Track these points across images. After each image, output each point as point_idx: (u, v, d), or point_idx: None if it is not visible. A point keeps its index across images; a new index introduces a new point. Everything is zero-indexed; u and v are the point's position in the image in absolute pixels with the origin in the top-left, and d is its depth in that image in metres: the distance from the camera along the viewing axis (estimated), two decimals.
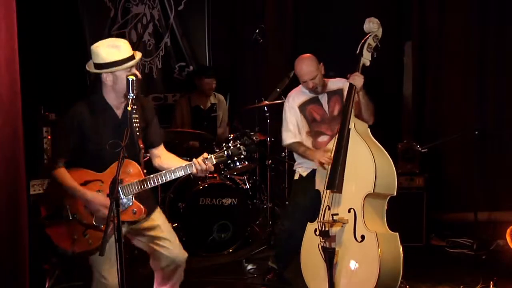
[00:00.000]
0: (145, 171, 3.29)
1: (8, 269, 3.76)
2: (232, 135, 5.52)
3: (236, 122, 6.29)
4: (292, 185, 4.51)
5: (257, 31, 6.10)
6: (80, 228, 3.23)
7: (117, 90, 3.21)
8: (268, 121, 5.60)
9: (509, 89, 5.79)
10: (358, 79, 3.98)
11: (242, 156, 3.22)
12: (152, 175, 3.24)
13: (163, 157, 3.51)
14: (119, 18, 6.55)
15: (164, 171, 3.25)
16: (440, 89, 6.01)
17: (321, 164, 4.00)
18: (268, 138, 5.58)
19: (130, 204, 3.22)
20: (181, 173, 3.23)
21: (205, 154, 3.25)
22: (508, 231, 4.74)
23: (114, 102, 3.29)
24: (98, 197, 3.21)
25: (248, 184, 5.79)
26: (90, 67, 3.28)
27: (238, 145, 3.21)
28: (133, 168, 3.25)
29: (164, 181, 3.22)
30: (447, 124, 5.97)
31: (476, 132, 5.26)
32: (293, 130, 4.38)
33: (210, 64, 6.82)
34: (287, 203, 6.07)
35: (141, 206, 3.23)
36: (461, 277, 4.56)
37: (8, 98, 3.70)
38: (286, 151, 5.92)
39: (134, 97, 3.07)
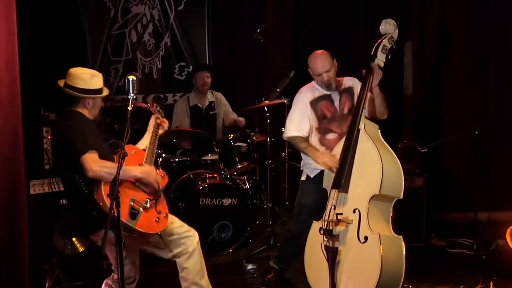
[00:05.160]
0: None
1: (8, 269, 3.76)
2: (232, 135, 5.55)
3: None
4: (299, 186, 4.47)
5: (258, 30, 6.10)
6: (154, 210, 3.35)
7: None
8: (268, 121, 5.60)
9: (509, 89, 5.79)
10: (376, 68, 3.95)
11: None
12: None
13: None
14: (119, 18, 6.55)
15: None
16: (440, 89, 6.01)
17: (328, 167, 3.98)
18: (268, 138, 5.58)
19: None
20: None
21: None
22: (508, 231, 4.74)
23: None
24: (147, 167, 3.39)
25: (248, 184, 5.79)
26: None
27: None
28: (135, 149, 3.54)
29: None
30: (447, 124, 5.97)
31: (476, 132, 5.26)
32: (297, 123, 4.30)
33: (210, 64, 6.82)
34: (286, 203, 6.09)
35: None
36: (461, 277, 4.56)
37: (8, 98, 3.71)
38: (286, 151, 5.92)
39: (135, 97, 3.08)
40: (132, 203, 3.24)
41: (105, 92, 3.56)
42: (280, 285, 4.51)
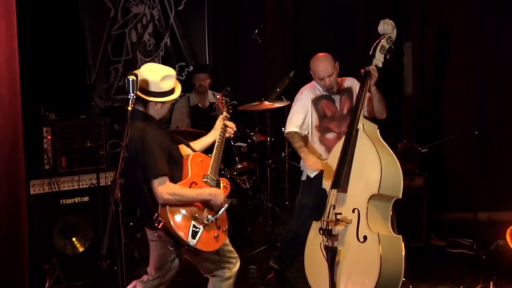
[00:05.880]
0: None
1: (8, 269, 3.77)
2: (232, 135, 5.54)
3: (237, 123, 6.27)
4: (299, 186, 4.47)
5: (256, 31, 6.10)
6: (214, 225, 3.32)
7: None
8: (268, 121, 5.60)
9: (509, 89, 5.79)
10: (373, 71, 3.97)
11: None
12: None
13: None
14: (119, 18, 6.54)
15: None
16: (440, 89, 6.01)
17: (314, 169, 4.11)
18: (268, 138, 5.58)
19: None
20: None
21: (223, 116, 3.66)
22: (508, 231, 4.74)
23: None
24: (215, 190, 3.37)
25: (248, 184, 5.78)
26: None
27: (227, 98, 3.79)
28: (202, 156, 3.48)
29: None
30: (447, 124, 5.97)
31: (476, 132, 5.26)
32: (296, 120, 4.30)
33: (210, 64, 6.82)
34: (286, 203, 6.09)
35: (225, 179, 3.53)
36: (461, 277, 4.57)
37: (8, 98, 3.71)
38: (286, 151, 5.92)
39: (135, 97, 3.07)
40: (194, 222, 3.23)
41: (177, 93, 3.40)
42: (280, 285, 4.51)
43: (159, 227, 3.16)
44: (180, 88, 3.46)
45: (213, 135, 3.65)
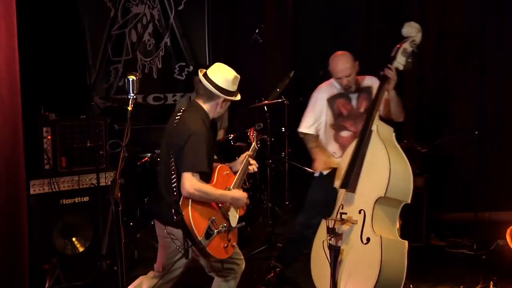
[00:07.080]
0: None
1: (8, 269, 3.76)
2: (232, 135, 5.54)
3: (237, 123, 6.28)
4: (300, 185, 4.48)
5: (257, 31, 6.10)
6: (225, 236, 3.39)
7: None
8: (268, 121, 5.59)
9: (509, 89, 5.80)
10: (393, 73, 3.93)
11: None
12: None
13: None
14: (119, 18, 6.54)
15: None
16: (440, 89, 6.01)
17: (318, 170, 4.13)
18: (268, 138, 5.57)
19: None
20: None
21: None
22: (508, 231, 4.75)
23: None
24: (237, 195, 3.46)
25: (248, 184, 5.77)
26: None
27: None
28: (227, 170, 3.58)
29: None
30: (447, 124, 5.97)
31: (476, 132, 5.26)
32: (307, 122, 4.33)
33: (210, 64, 6.81)
34: (286, 203, 6.08)
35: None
36: (461, 277, 4.57)
37: (8, 98, 3.71)
38: (286, 151, 5.92)
39: (135, 97, 3.08)
40: (210, 224, 3.28)
41: (238, 96, 3.55)
42: (280, 285, 4.51)
43: (178, 219, 3.19)
44: (239, 94, 3.58)
45: (235, 166, 3.72)
